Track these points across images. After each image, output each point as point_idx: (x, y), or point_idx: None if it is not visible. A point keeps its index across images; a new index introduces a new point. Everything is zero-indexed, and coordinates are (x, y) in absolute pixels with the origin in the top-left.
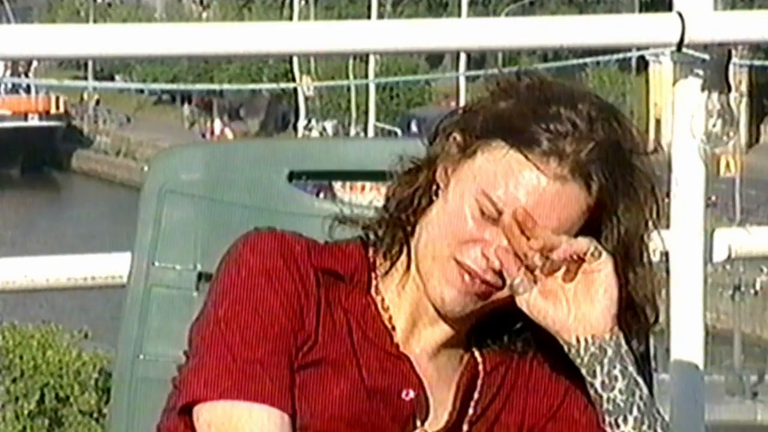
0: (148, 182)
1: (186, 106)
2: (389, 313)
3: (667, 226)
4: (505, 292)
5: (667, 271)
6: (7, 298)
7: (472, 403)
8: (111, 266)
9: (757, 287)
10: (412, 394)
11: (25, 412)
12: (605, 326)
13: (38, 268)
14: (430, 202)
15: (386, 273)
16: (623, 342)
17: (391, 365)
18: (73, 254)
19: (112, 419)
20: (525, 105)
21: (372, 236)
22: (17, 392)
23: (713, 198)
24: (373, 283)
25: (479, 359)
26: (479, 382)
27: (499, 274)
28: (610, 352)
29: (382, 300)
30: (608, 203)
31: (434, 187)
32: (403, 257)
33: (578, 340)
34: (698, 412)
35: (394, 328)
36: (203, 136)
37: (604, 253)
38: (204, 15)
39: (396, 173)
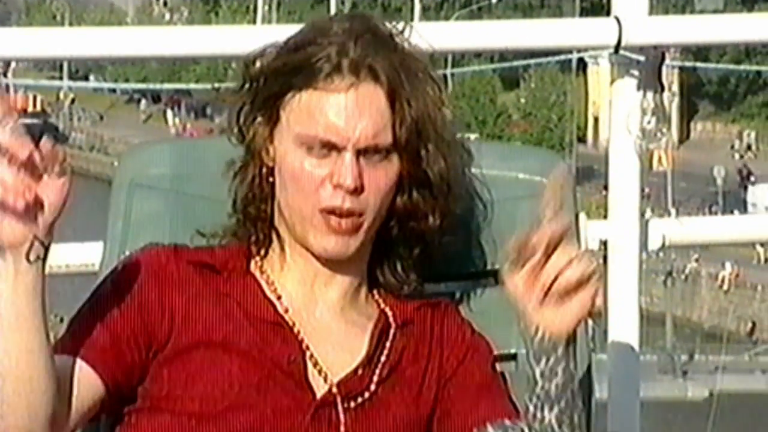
0: (119, 176)
1: (143, 101)
2: (274, 286)
3: (605, 217)
4: (369, 216)
5: (605, 259)
6: None
7: (386, 352)
8: (84, 255)
9: (687, 273)
10: (294, 357)
11: None
12: (567, 333)
13: None
14: (273, 185)
15: (265, 255)
16: (572, 340)
17: (273, 334)
18: None
19: None
20: (285, 55)
21: (240, 234)
22: None
23: (647, 190)
24: (252, 265)
25: (389, 312)
26: (391, 332)
27: (357, 195)
28: (560, 350)
29: (267, 277)
30: (397, 89)
31: (266, 171)
32: (275, 240)
33: (537, 331)
34: (633, 389)
35: (279, 298)
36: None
37: (595, 276)
38: (173, 19)
39: (232, 176)
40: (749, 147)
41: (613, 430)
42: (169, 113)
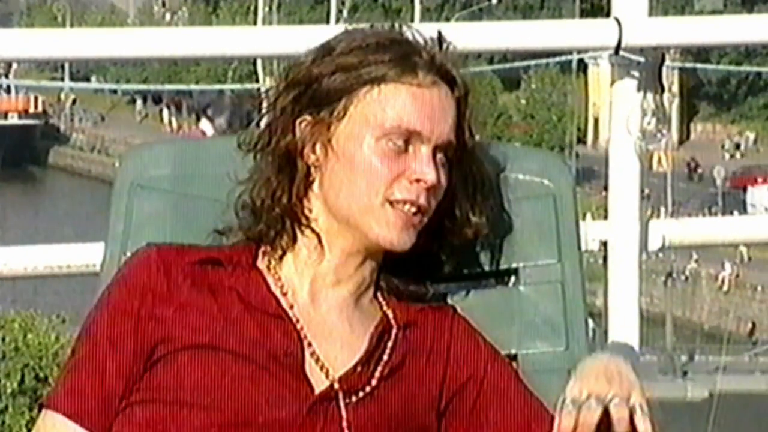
0: (120, 177)
1: (138, 102)
2: (281, 282)
3: (605, 218)
4: (429, 215)
5: (605, 259)
6: None
7: (387, 352)
8: (85, 255)
9: (687, 274)
10: (293, 350)
11: (8, 391)
12: None
13: (16, 257)
14: (309, 182)
15: (274, 252)
16: None
17: (274, 326)
18: (50, 244)
19: None
20: (357, 53)
21: (258, 230)
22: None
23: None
24: (259, 261)
25: (390, 315)
26: (393, 333)
27: (432, 192)
28: None
29: (275, 272)
30: (463, 101)
31: (306, 169)
32: (291, 235)
33: None
34: None
35: (285, 294)
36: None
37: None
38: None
39: (254, 170)
40: (738, 146)
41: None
42: (165, 112)
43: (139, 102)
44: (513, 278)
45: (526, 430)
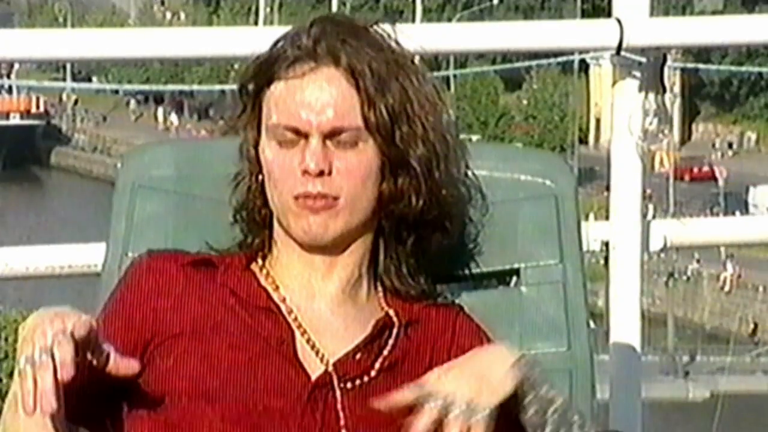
0: (121, 177)
1: (132, 101)
2: (271, 278)
3: (607, 218)
4: (345, 199)
5: (607, 260)
6: None
7: (388, 347)
8: (87, 256)
9: (689, 274)
10: (285, 337)
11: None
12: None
13: (18, 257)
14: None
15: (265, 258)
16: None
17: (266, 318)
18: (51, 244)
19: None
20: (260, 58)
21: (243, 242)
22: (2, 373)
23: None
24: (254, 264)
25: (392, 313)
26: (395, 330)
27: (326, 178)
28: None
29: (267, 273)
30: (361, 71)
31: (261, 178)
32: (274, 240)
33: None
34: (635, 390)
35: (277, 288)
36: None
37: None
38: (175, 21)
39: (233, 185)
40: (730, 145)
41: (615, 430)
42: (160, 111)
43: (132, 101)
44: (514, 278)
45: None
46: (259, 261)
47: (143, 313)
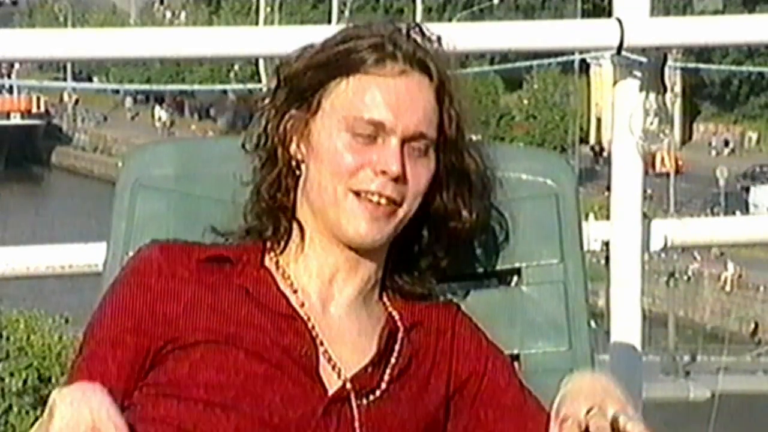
0: (122, 177)
1: (128, 99)
2: (290, 280)
3: (608, 218)
4: (405, 208)
5: (608, 259)
6: None
7: (395, 355)
8: (88, 255)
9: (690, 274)
10: (307, 350)
11: (12, 390)
12: None
13: (19, 257)
14: (297, 178)
15: (283, 250)
16: None
17: (287, 326)
18: (52, 244)
19: None
20: (329, 48)
21: (258, 228)
22: (4, 372)
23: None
24: (268, 258)
25: (396, 316)
26: (399, 336)
27: (398, 184)
28: None
29: (283, 271)
30: (445, 85)
31: (294, 163)
32: (296, 232)
33: None
34: (636, 390)
35: (295, 291)
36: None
37: None
38: (175, 20)
39: (254, 170)
40: (726, 143)
41: None
42: (156, 110)
43: (128, 100)
44: (515, 278)
45: (522, 428)
46: (273, 255)
47: (154, 316)
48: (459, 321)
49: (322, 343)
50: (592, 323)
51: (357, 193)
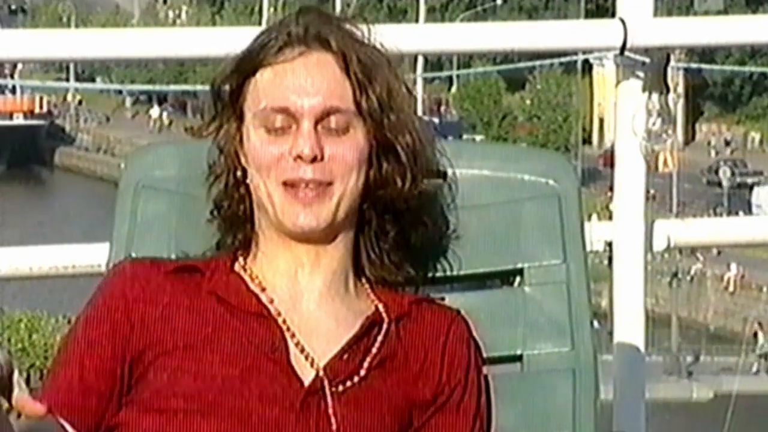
0: (125, 178)
1: (128, 98)
2: (258, 280)
3: (611, 218)
4: (338, 187)
5: (610, 260)
6: None
7: (377, 345)
8: (90, 256)
9: (693, 274)
10: (278, 344)
11: None
12: None
13: (22, 257)
14: (248, 186)
15: (247, 255)
16: None
17: (258, 324)
18: (55, 244)
19: None
20: (240, 54)
21: (225, 240)
22: None
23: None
24: (237, 265)
25: (381, 308)
26: (384, 326)
27: (319, 164)
28: None
29: (251, 273)
30: (351, 57)
31: (241, 174)
32: (258, 236)
33: None
34: (639, 390)
35: (264, 290)
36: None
37: None
38: (178, 21)
39: (209, 188)
40: (727, 143)
41: (619, 430)
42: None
43: (128, 100)
44: (518, 278)
45: None
46: (241, 260)
47: (131, 320)
48: (454, 328)
49: (294, 335)
50: (595, 324)
51: (285, 184)
